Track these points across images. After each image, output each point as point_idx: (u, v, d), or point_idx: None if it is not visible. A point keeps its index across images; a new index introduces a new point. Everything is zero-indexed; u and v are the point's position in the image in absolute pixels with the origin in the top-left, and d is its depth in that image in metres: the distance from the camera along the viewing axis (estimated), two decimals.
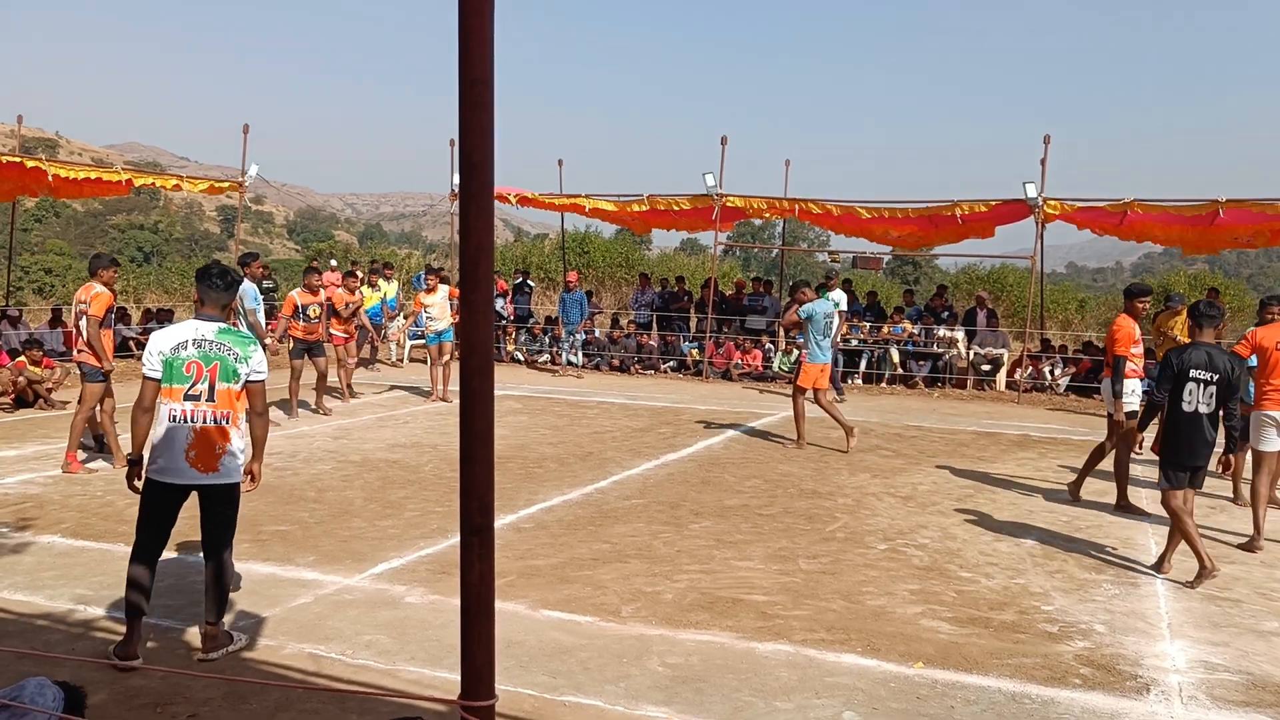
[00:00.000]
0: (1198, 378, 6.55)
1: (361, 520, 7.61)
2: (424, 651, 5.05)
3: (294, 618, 5.51)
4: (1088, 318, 29.29)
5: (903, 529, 7.74)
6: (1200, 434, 6.59)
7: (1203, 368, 6.54)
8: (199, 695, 4.53)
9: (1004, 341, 17.86)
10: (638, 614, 5.68)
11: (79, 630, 5.32)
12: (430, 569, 6.41)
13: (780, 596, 6.04)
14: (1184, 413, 6.59)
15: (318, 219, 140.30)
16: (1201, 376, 6.54)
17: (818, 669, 4.97)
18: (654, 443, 11.29)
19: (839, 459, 10.55)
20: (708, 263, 29.96)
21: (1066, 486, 9.17)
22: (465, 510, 1.88)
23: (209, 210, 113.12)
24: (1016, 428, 13.26)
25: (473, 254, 1.78)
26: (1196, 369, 6.55)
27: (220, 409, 4.91)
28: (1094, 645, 5.40)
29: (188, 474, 4.88)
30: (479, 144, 1.77)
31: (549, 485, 8.92)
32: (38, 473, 8.97)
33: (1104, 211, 15.91)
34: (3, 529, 7.11)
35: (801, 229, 47.69)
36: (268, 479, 8.91)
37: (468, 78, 1.76)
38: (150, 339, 5.01)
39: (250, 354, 4.99)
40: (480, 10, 1.73)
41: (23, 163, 15.73)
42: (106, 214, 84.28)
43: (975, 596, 6.15)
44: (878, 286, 26.56)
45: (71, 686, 3.10)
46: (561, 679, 4.75)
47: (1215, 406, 6.57)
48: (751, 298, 20.25)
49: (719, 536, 7.37)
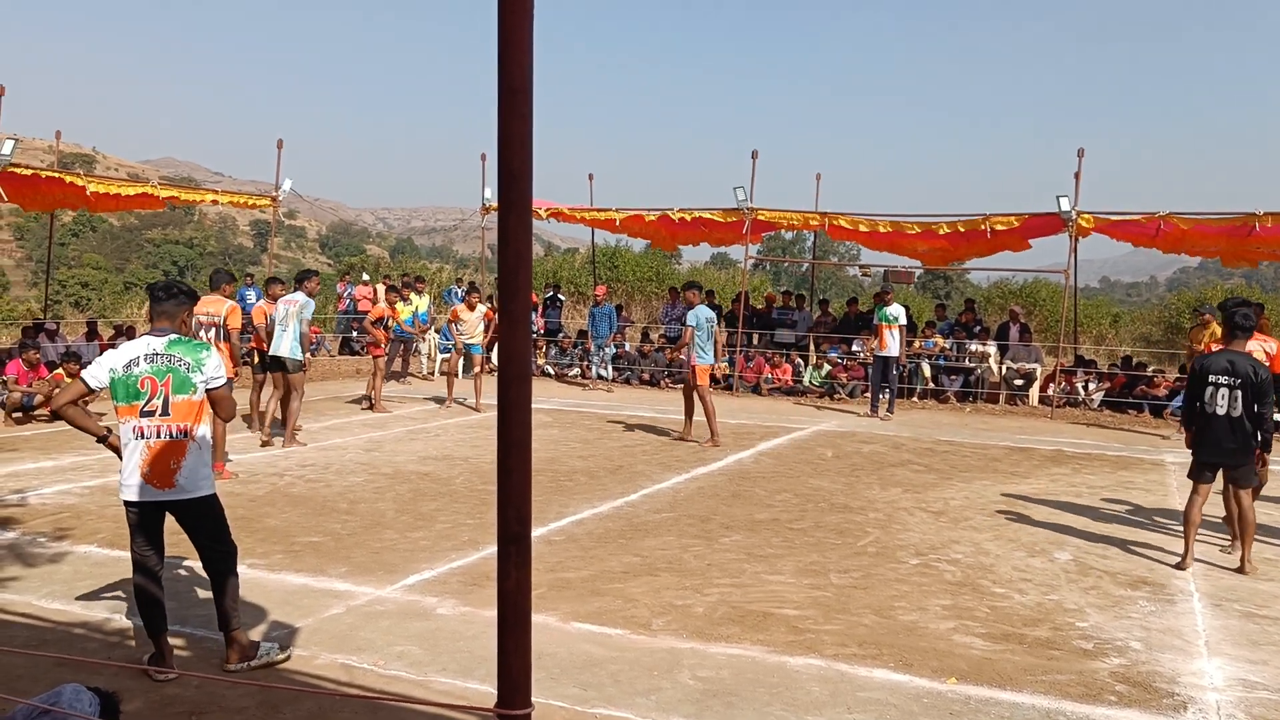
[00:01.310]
0: (1216, 382, 7.04)
1: (393, 532, 7.64)
2: (455, 663, 5.06)
3: (326, 628, 5.54)
4: (1122, 333, 29.04)
5: (935, 544, 7.69)
6: (1218, 433, 7.07)
7: (1222, 372, 7.03)
8: (233, 704, 4.56)
9: (1037, 356, 17.71)
10: (668, 627, 5.67)
11: (115, 639, 5.37)
12: (462, 581, 6.43)
13: (811, 611, 6.01)
14: (1204, 414, 7.13)
15: (349, 233, 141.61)
16: (1221, 381, 7.02)
17: (850, 684, 4.93)
18: (684, 456, 11.28)
19: (870, 474, 10.49)
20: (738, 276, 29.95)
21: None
22: (503, 519, 1.89)
23: (242, 224, 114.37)
24: (1050, 443, 13.13)
25: (511, 263, 1.79)
26: (1215, 374, 7.06)
27: (175, 422, 4.81)
28: (1130, 662, 5.33)
29: (146, 491, 4.79)
30: (518, 154, 1.78)
31: (579, 498, 8.93)
32: (74, 483, 9.09)
33: (1138, 224, 15.76)
34: (41, 538, 7.21)
35: (832, 243, 47.58)
36: (300, 490, 9.00)
37: (507, 87, 1.77)
38: (104, 354, 4.98)
39: (204, 361, 4.90)
40: (520, 21, 1.74)
41: (61, 178, 15.99)
42: (142, 228, 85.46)
43: (1009, 612, 6.10)
44: (909, 301, 26.44)
45: (106, 693, 3.13)
46: (592, 691, 4.75)
47: (1242, 409, 6.99)
48: (781, 311, 20.22)
49: (749, 550, 7.35)
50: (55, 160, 21.36)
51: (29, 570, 6.48)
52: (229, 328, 9.30)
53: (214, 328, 9.22)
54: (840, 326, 19.42)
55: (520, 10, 1.74)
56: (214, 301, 9.35)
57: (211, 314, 9.25)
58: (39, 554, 6.84)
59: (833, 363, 18.12)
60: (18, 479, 9.22)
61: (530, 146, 1.79)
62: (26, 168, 15.38)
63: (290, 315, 10.93)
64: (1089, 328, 26.89)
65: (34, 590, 6.07)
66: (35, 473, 9.57)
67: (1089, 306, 29.38)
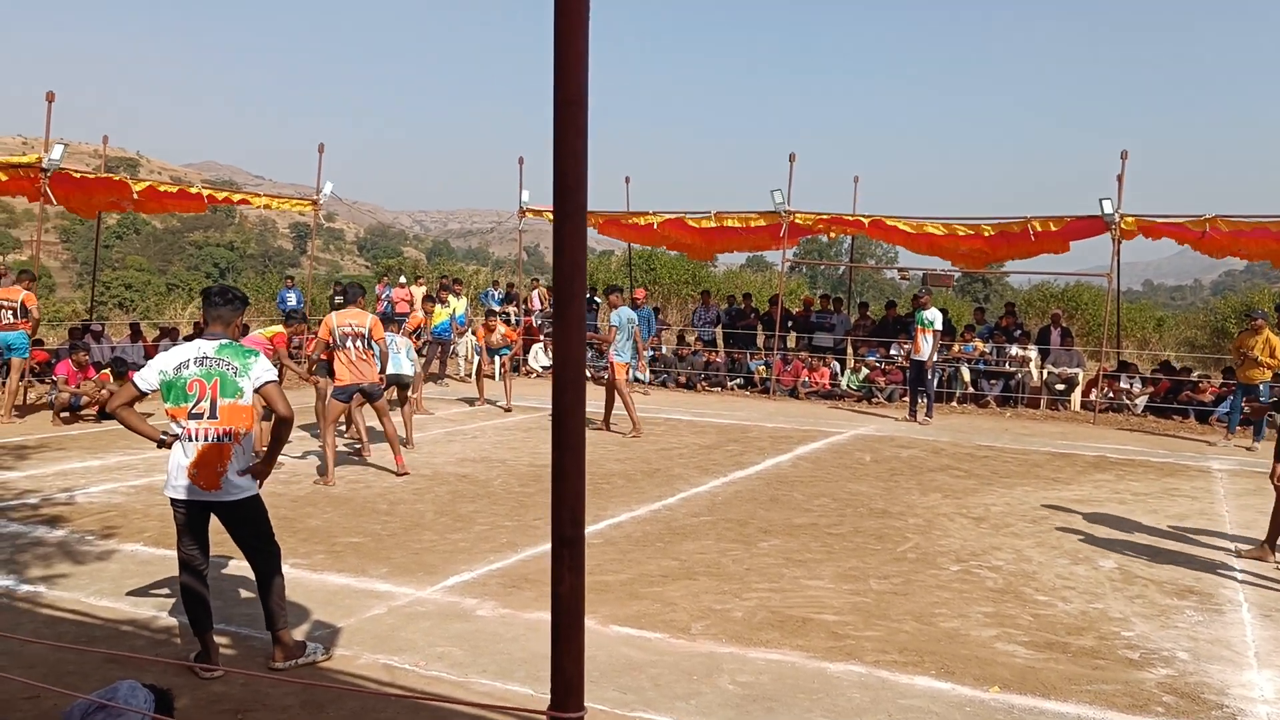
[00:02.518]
0: None
1: (432, 533, 7.70)
2: (495, 664, 5.09)
3: (368, 628, 5.59)
4: (1166, 337, 28.63)
5: (976, 550, 7.62)
6: None
7: None
8: (278, 702, 4.61)
9: (1079, 360, 17.51)
10: (707, 631, 5.66)
11: (162, 636, 5.45)
12: (500, 583, 6.46)
13: (851, 616, 5.98)
14: None
15: (387, 236, 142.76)
16: None
17: (891, 691, 4.91)
18: (721, 460, 11.27)
19: (909, 479, 10.42)
20: (774, 279, 29.86)
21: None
22: (556, 521, 1.90)
23: (282, 227, 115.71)
24: (1093, 449, 12.98)
25: (567, 271, 1.81)
26: None
27: (222, 425, 4.88)
28: (1177, 673, 5.26)
29: (193, 491, 4.88)
30: (573, 165, 1.79)
31: (617, 501, 8.95)
32: (121, 482, 9.23)
33: (1183, 228, 15.54)
34: (89, 536, 7.33)
35: (869, 246, 47.33)
36: (341, 491, 9.08)
37: (563, 99, 1.78)
38: (155, 357, 5.07)
39: (250, 365, 4.94)
40: (576, 35, 1.76)
41: (110, 177, 16.28)
42: (184, 231, 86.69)
43: (1052, 620, 6.03)
44: (948, 304, 26.25)
45: (161, 690, 3.19)
46: (632, 695, 4.76)
47: None
48: (820, 315, 20.13)
49: (788, 555, 7.33)
50: (101, 164, 21.72)
51: (78, 568, 6.59)
52: (374, 338, 9.80)
53: (359, 338, 9.65)
54: (878, 330, 19.31)
55: (576, 25, 1.75)
56: (356, 314, 9.79)
57: (355, 325, 9.67)
58: (87, 552, 6.96)
59: (871, 366, 18.01)
60: (66, 478, 9.39)
61: (585, 158, 1.81)
62: (76, 171, 15.65)
63: (401, 343, 11.79)
64: (1132, 332, 26.54)
65: (83, 588, 6.17)
66: (83, 472, 9.73)
67: (1132, 310, 29.00)
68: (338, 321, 9.66)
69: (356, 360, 9.61)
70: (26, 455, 10.52)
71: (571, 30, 1.77)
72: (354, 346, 9.60)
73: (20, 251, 79.81)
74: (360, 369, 9.63)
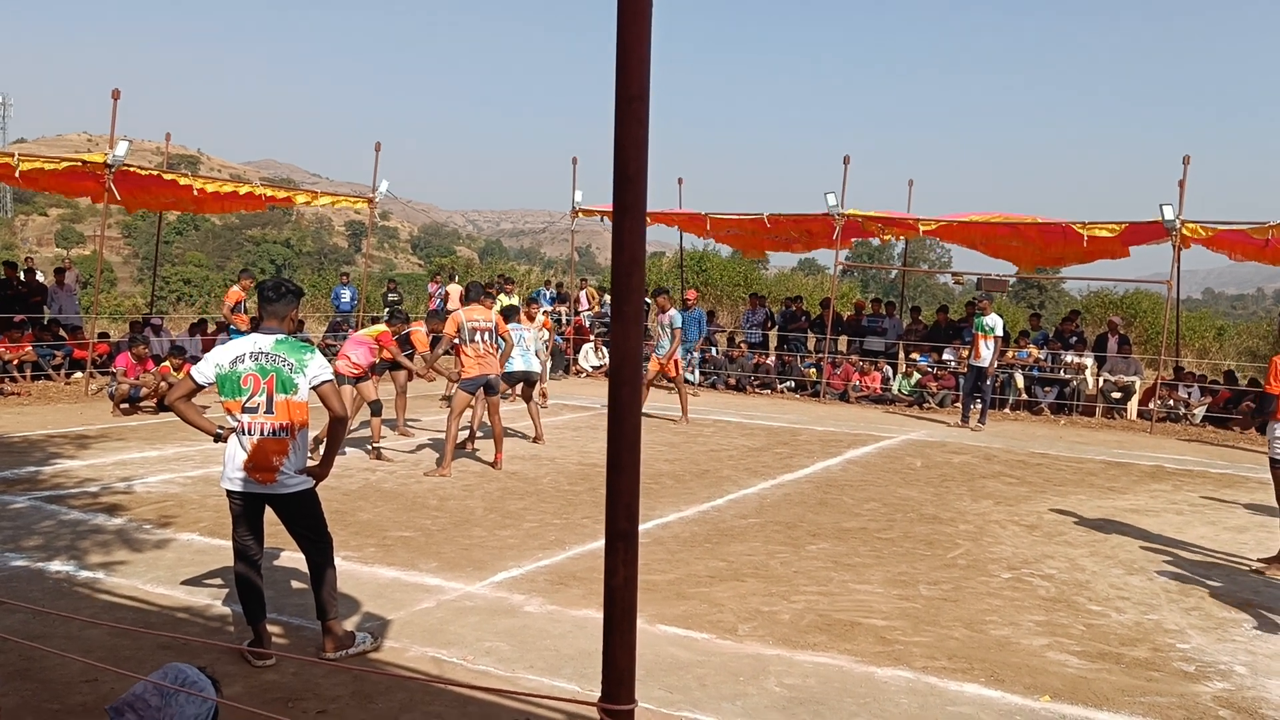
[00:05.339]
0: None
1: (481, 529, 7.75)
2: (542, 660, 5.12)
3: (417, 622, 5.65)
4: (1226, 346, 28.05)
5: (1027, 558, 7.52)
6: None
7: None
8: (328, 693, 4.67)
9: (1136, 369, 17.20)
10: (754, 633, 5.65)
11: (215, 624, 5.55)
12: (549, 579, 6.49)
13: (900, 622, 5.93)
14: None
15: (440, 235, 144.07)
16: None
17: (939, 697, 4.86)
18: (770, 462, 11.23)
19: (960, 484, 10.31)
20: (826, 282, 29.69)
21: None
22: (611, 515, 1.91)
23: (338, 225, 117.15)
24: (1149, 458, 12.75)
25: (626, 266, 1.82)
26: None
27: (278, 420, 4.92)
28: (1234, 687, 5.15)
29: (249, 484, 4.94)
30: (634, 157, 1.80)
31: (666, 501, 8.95)
32: (178, 473, 9.41)
33: (1246, 235, 15.21)
34: (146, 525, 7.48)
35: (922, 250, 46.92)
36: (391, 486, 9.18)
37: (625, 94, 1.79)
38: (211, 351, 5.11)
39: (306, 362, 4.97)
40: (638, 31, 1.77)
41: (176, 180, 16.58)
42: (242, 227, 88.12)
43: (1105, 631, 5.94)
44: (1002, 310, 25.91)
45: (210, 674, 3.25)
46: (678, 694, 4.76)
47: None
48: (871, 319, 19.98)
49: (836, 559, 7.28)
50: (164, 161, 22.17)
51: (135, 555, 6.73)
52: (500, 333, 10.45)
53: (487, 332, 10.14)
54: (931, 334, 19.12)
55: (639, 21, 1.76)
56: (483, 310, 10.29)
57: (483, 320, 10.16)
58: (145, 540, 7.10)
59: (922, 371, 17.85)
60: (125, 468, 9.59)
61: (646, 151, 1.81)
62: (139, 168, 15.98)
63: (529, 338, 12.06)
64: (1191, 341, 26.03)
65: (140, 575, 6.30)
66: (141, 462, 9.93)
67: (1192, 319, 28.46)
68: (466, 317, 10.08)
69: (485, 353, 10.12)
70: (87, 445, 10.76)
71: (634, 27, 1.77)
72: (482, 340, 10.08)
73: (83, 246, 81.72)
74: (488, 362, 10.13)
